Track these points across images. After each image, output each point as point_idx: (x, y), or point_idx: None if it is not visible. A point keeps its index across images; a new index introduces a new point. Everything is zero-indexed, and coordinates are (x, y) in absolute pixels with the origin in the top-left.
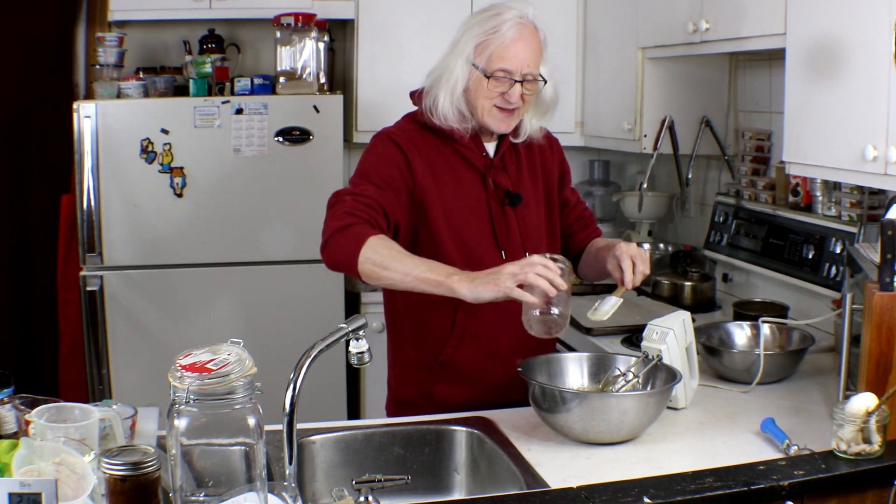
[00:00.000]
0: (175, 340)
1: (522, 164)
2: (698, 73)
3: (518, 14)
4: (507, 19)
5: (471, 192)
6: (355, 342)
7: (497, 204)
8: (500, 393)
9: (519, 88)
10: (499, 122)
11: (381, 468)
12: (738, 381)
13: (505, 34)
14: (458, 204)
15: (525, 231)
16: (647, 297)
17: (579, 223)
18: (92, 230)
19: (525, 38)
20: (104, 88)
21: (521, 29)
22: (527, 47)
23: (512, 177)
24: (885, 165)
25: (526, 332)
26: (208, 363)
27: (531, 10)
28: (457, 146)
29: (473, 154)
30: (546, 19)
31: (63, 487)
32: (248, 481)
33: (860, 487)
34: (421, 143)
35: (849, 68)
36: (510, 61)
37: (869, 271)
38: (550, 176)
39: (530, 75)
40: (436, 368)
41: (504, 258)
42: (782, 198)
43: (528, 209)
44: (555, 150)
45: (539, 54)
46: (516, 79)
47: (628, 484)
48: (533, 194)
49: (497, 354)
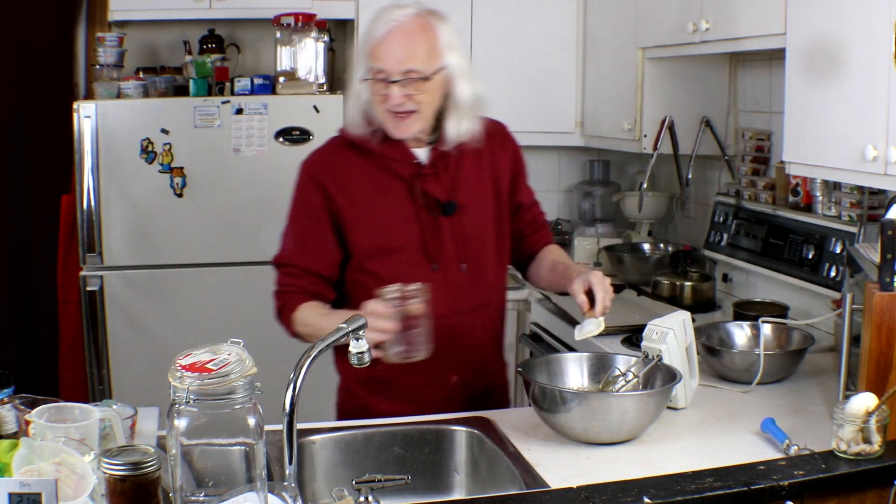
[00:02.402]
0: (175, 340)
1: (463, 168)
2: (698, 73)
3: (399, 11)
4: (381, 17)
5: (398, 205)
6: (355, 342)
7: (428, 214)
8: (436, 410)
9: (398, 89)
10: (395, 128)
11: (381, 468)
12: (738, 381)
13: (374, 33)
14: (385, 219)
15: (462, 240)
16: (647, 297)
17: (531, 227)
18: (92, 230)
19: (398, 35)
20: (104, 88)
21: (394, 26)
22: (402, 43)
23: (446, 183)
24: (885, 165)
25: (457, 353)
26: (208, 363)
27: (421, 7)
28: (382, 159)
29: (399, 164)
30: (546, 19)
31: (63, 487)
32: (248, 481)
33: (860, 487)
34: (340, 166)
35: (849, 68)
36: (382, 60)
37: (869, 271)
38: (501, 177)
39: (414, 73)
40: (372, 383)
41: (436, 271)
42: (782, 198)
43: (469, 216)
44: (507, 147)
45: (426, 49)
46: (392, 78)
47: (628, 484)
48: (476, 199)
49: (429, 372)
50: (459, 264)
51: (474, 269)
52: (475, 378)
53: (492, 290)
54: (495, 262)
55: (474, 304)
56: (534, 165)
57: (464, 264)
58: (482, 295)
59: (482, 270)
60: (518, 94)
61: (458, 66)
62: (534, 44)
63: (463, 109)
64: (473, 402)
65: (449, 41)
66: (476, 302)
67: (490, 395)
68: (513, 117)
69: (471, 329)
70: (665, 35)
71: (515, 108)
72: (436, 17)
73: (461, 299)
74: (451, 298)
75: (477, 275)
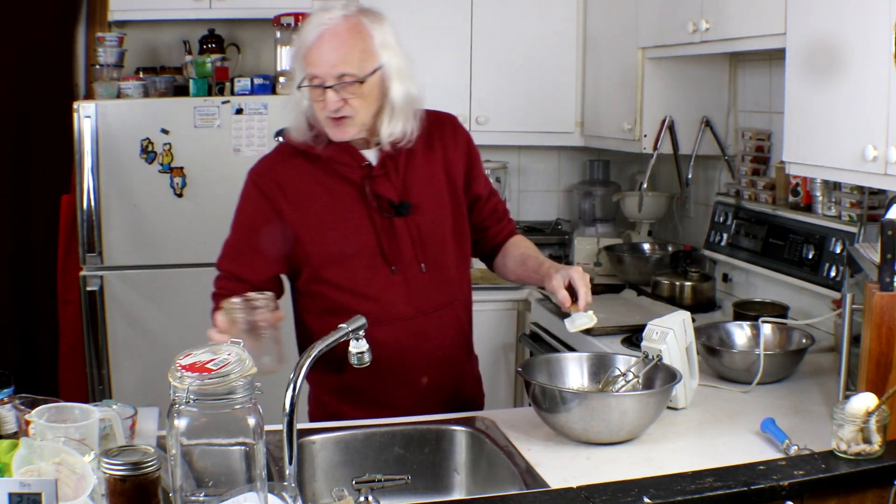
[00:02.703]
0: (175, 340)
1: (414, 166)
2: (698, 73)
3: (328, 14)
4: (311, 21)
5: (351, 210)
6: (355, 342)
7: (382, 216)
8: (407, 412)
9: (332, 94)
10: (333, 132)
11: (381, 468)
12: (738, 381)
13: (306, 38)
14: (338, 226)
15: (419, 240)
16: (647, 297)
17: (492, 218)
18: (92, 230)
19: (328, 38)
20: (104, 88)
21: (324, 30)
22: (333, 47)
23: (397, 183)
24: (885, 165)
25: (425, 354)
26: (208, 363)
27: (351, 8)
28: (330, 163)
29: (348, 168)
30: (546, 19)
31: (63, 487)
32: (248, 481)
33: (860, 487)
34: (288, 174)
35: (849, 68)
36: (315, 65)
37: (869, 271)
38: (455, 171)
39: (348, 76)
40: (341, 391)
41: (395, 273)
42: (782, 198)
43: (424, 215)
44: (459, 140)
45: (359, 51)
46: (327, 84)
47: (628, 484)
48: (431, 196)
49: (398, 375)
50: (419, 265)
51: (434, 268)
52: (446, 377)
53: (454, 287)
54: (456, 259)
55: (438, 303)
56: (534, 165)
57: (423, 264)
58: (445, 293)
59: (443, 269)
60: (518, 94)
61: (394, 66)
62: (534, 44)
63: (397, 110)
64: (447, 401)
65: (383, 41)
66: (439, 301)
67: (462, 392)
68: (513, 117)
69: (437, 329)
70: (665, 35)
71: (515, 108)
72: (369, 17)
73: (424, 300)
74: (413, 300)
75: (438, 273)
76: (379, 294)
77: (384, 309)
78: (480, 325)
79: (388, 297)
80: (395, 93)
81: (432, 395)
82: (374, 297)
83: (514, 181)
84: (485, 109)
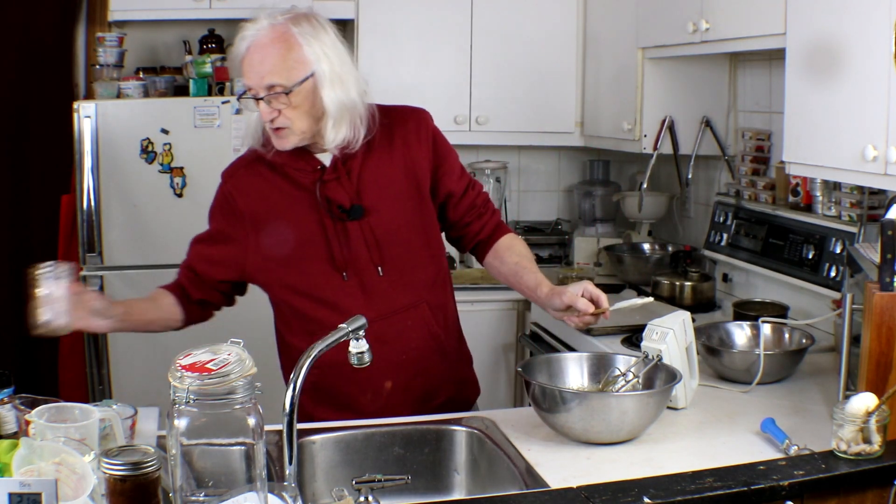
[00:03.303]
0: (175, 340)
1: (370, 168)
2: (698, 73)
3: (254, 25)
4: (241, 33)
5: (304, 215)
6: (355, 342)
7: (334, 221)
8: (373, 416)
9: (265, 105)
10: (276, 142)
11: (381, 468)
12: (738, 381)
13: (237, 51)
14: (292, 232)
15: (374, 244)
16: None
17: (471, 214)
18: (92, 230)
19: (255, 51)
20: (104, 88)
21: (251, 42)
22: (260, 59)
23: (350, 187)
24: (885, 165)
25: (386, 358)
26: (208, 363)
27: (279, 17)
28: (286, 168)
29: (302, 173)
30: (546, 19)
31: (63, 487)
32: (248, 481)
33: (860, 487)
34: (252, 179)
35: (849, 68)
36: (246, 77)
37: (869, 271)
38: (419, 170)
39: (277, 87)
40: (312, 393)
41: (347, 280)
42: (782, 198)
43: (379, 218)
44: (423, 137)
45: (287, 61)
46: (259, 95)
47: (628, 484)
48: (388, 198)
49: (361, 379)
50: (375, 268)
51: (394, 271)
52: (414, 380)
53: (420, 288)
54: (423, 259)
55: (399, 305)
56: (534, 165)
57: (380, 268)
58: (408, 296)
59: (405, 271)
60: (518, 94)
61: (327, 73)
62: (534, 44)
63: (334, 118)
64: (417, 404)
65: (314, 49)
66: (401, 303)
67: (438, 394)
68: (513, 117)
69: (400, 332)
70: (665, 35)
71: (515, 108)
72: (299, 25)
73: (383, 304)
74: (371, 304)
75: (397, 276)
76: (334, 299)
77: (341, 314)
78: (480, 325)
79: (344, 302)
80: (327, 100)
81: (399, 398)
82: (331, 302)
83: (514, 181)
84: (485, 109)
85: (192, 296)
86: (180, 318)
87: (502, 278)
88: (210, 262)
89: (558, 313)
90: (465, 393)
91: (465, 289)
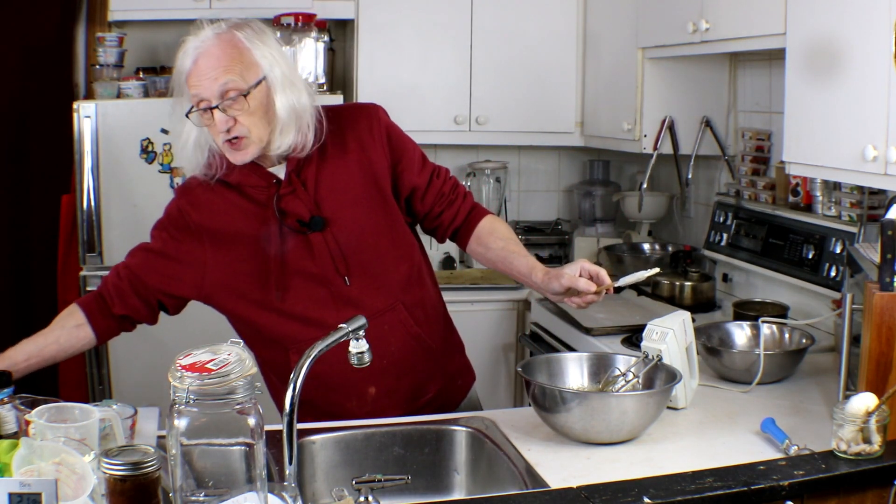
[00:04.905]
0: (175, 340)
1: (327, 176)
2: (698, 73)
3: (200, 35)
4: (184, 48)
5: (264, 232)
6: (355, 342)
7: (296, 234)
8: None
9: (221, 114)
10: (233, 156)
11: (381, 468)
12: (738, 381)
13: (184, 66)
14: (251, 251)
15: (340, 253)
16: (647, 297)
17: (441, 203)
18: (92, 230)
19: (205, 58)
20: (104, 88)
21: (200, 52)
22: (212, 65)
23: (306, 199)
24: (885, 165)
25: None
26: (208, 363)
27: (223, 25)
28: (241, 187)
29: (256, 189)
30: (546, 19)
31: (63, 487)
32: (248, 481)
33: (860, 487)
34: (208, 197)
35: (849, 68)
36: (197, 87)
37: (869, 271)
38: (377, 169)
39: (232, 90)
40: (300, 404)
41: (314, 292)
42: (782, 198)
43: (340, 226)
44: (376, 135)
45: (239, 63)
46: (214, 103)
47: (628, 484)
48: (348, 205)
49: (345, 388)
50: (342, 278)
51: (363, 278)
52: (398, 383)
53: (393, 290)
54: (392, 260)
55: (373, 311)
56: (534, 165)
57: (346, 277)
58: (381, 300)
59: (374, 275)
60: (518, 94)
61: (278, 77)
62: (534, 44)
63: (283, 123)
64: (406, 404)
65: (262, 52)
66: (375, 309)
67: (426, 391)
68: (513, 117)
69: (377, 338)
70: (665, 35)
71: (515, 108)
72: (244, 31)
73: (355, 312)
74: (343, 314)
75: (367, 282)
76: (305, 313)
77: (317, 328)
78: (480, 325)
79: (314, 314)
80: (279, 105)
81: (384, 402)
82: (302, 316)
83: (514, 181)
84: (485, 109)
85: (115, 310)
86: (90, 338)
87: (490, 264)
88: (163, 276)
89: (558, 296)
90: (457, 382)
91: (465, 289)
